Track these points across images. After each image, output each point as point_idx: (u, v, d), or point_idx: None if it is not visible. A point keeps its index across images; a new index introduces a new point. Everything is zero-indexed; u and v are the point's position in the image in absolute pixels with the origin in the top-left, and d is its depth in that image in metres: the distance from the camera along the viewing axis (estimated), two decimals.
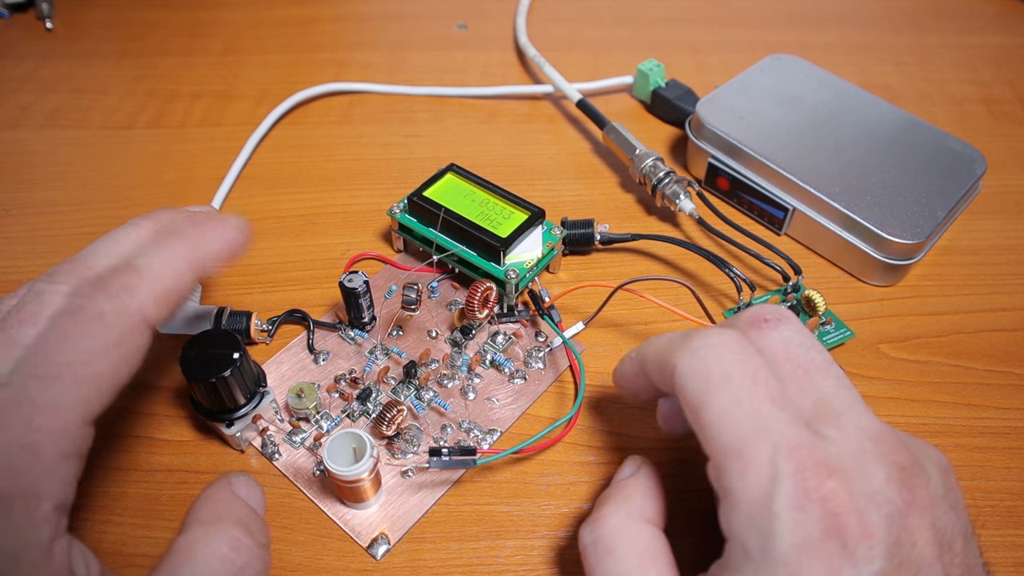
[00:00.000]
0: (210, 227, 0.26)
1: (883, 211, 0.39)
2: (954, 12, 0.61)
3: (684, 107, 0.49)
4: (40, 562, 0.21)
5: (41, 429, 0.21)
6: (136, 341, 0.23)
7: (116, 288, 0.23)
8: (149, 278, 0.24)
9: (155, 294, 0.24)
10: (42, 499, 0.21)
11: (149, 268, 0.24)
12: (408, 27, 0.59)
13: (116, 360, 0.23)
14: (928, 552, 0.22)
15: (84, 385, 0.22)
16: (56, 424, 0.21)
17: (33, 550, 0.21)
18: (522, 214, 0.38)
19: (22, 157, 0.47)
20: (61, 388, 0.22)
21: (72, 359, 0.22)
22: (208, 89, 0.52)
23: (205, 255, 0.25)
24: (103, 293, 0.23)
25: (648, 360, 0.27)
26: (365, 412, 0.34)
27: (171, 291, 0.24)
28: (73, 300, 0.23)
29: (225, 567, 0.24)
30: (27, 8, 0.59)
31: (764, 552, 0.22)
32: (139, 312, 0.23)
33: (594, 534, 0.26)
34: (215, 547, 0.24)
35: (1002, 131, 0.51)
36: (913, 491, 0.22)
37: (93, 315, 0.22)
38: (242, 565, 0.24)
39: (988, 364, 0.37)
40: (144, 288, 0.24)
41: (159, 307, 0.24)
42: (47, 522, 0.21)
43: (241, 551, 0.24)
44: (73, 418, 0.22)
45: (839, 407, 0.24)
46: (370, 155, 0.48)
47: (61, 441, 0.22)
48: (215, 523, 0.24)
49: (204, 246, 0.26)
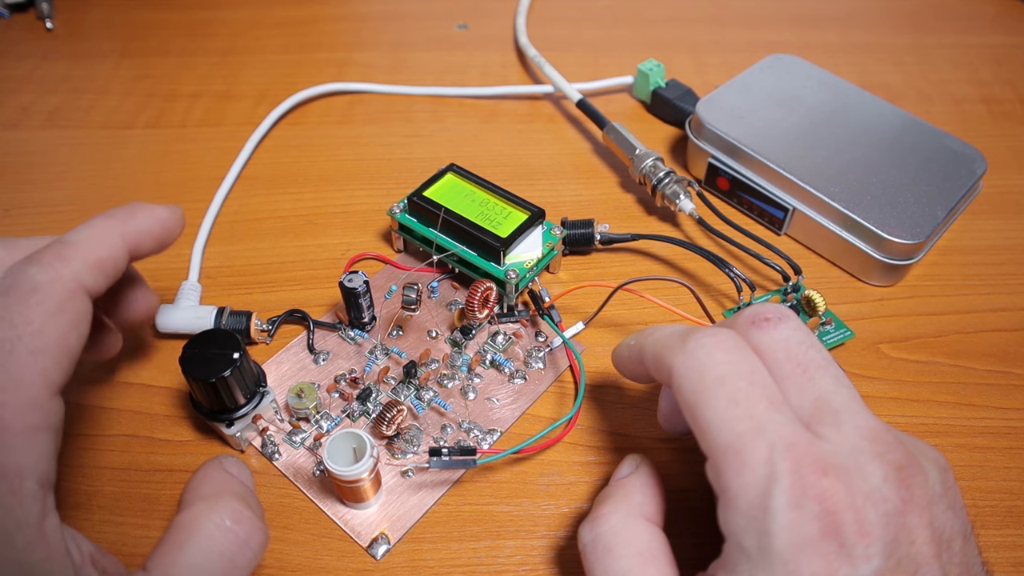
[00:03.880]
0: (139, 207, 0.27)
1: (883, 211, 0.39)
2: (954, 12, 0.61)
3: (684, 107, 0.49)
4: (34, 540, 0.21)
5: (6, 405, 0.21)
6: (78, 307, 0.24)
7: (48, 259, 0.24)
8: (81, 247, 0.24)
9: (88, 262, 0.24)
10: (24, 476, 0.21)
11: (80, 239, 0.25)
12: (408, 27, 0.59)
13: (63, 327, 0.23)
14: (926, 551, 0.22)
15: (39, 357, 0.22)
16: (20, 398, 0.21)
17: (25, 528, 0.21)
18: (522, 214, 0.38)
19: (22, 157, 0.47)
20: (16, 362, 0.22)
21: (19, 333, 0.22)
22: (208, 89, 0.52)
23: (136, 229, 0.26)
24: (35, 266, 0.23)
25: (646, 355, 0.28)
26: (365, 412, 0.34)
27: (104, 259, 0.25)
28: (7, 279, 0.23)
29: (229, 538, 0.24)
30: (27, 8, 0.59)
31: (761, 550, 0.22)
32: (74, 279, 0.24)
33: (593, 533, 0.26)
34: (218, 520, 0.24)
35: (1002, 131, 0.51)
36: (911, 490, 0.22)
37: (29, 289, 0.23)
38: (245, 537, 0.25)
39: (988, 364, 0.37)
40: (77, 257, 0.24)
41: (94, 274, 0.24)
42: (34, 499, 0.21)
43: (243, 523, 0.25)
44: (36, 391, 0.22)
45: (837, 406, 0.24)
46: (370, 155, 0.48)
47: (30, 414, 0.22)
48: (216, 498, 0.25)
49: (134, 221, 0.26)
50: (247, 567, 0.25)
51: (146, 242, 0.27)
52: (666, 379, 0.26)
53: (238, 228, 0.43)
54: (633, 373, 0.30)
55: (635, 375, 0.30)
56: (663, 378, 0.26)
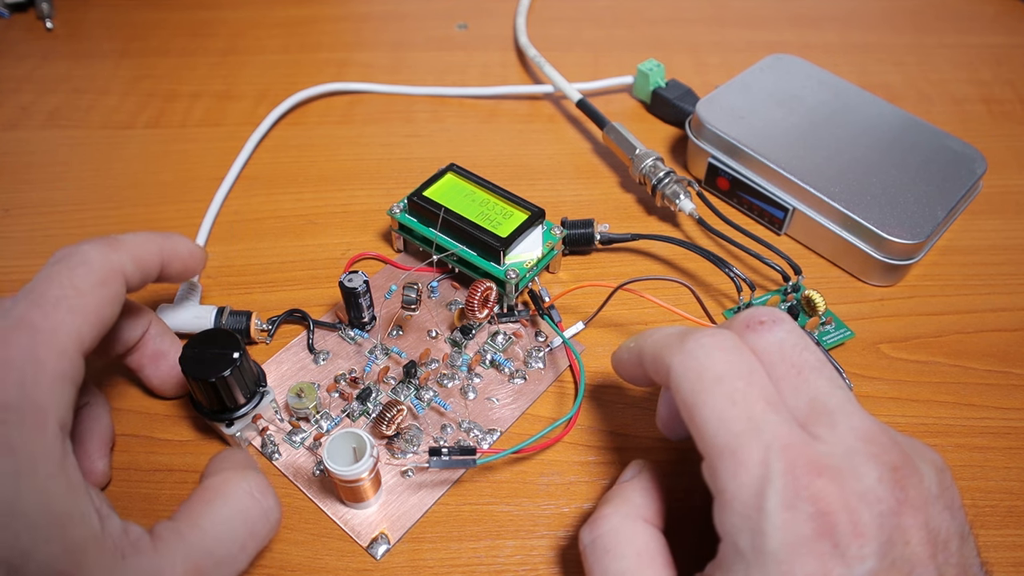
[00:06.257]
0: (177, 235, 0.31)
1: (883, 211, 0.39)
2: (954, 12, 0.61)
3: (684, 107, 0.49)
4: (55, 472, 0.23)
5: (42, 345, 0.24)
6: (117, 286, 0.27)
7: (99, 243, 0.27)
8: (128, 244, 0.28)
9: (132, 255, 0.28)
10: (48, 414, 0.23)
11: (127, 239, 0.29)
12: (408, 27, 0.59)
13: (102, 298, 0.26)
14: (921, 551, 0.22)
15: (77, 316, 0.25)
16: (56, 345, 0.24)
17: (47, 461, 0.22)
18: (522, 214, 0.38)
19: (22, 157, 0.47)
20: (57, 315, 0.25)
21: (65, 293, 0.25)
22: (208, 89, 0.52)
23: (172, 250, 0.30)
24: (88, 244, 0.27)
25: (645, 356, 0.28)
26: (365, 412, 0.34)
27: (144, 260, 0.29)
28: (60, 253, 0.27)
29: (254, 505, 0.27)
30: (27, 8, 0.59)
31: (756, 551, 0.22)
32: (119, 263, 0.27)
33: (593, 534, 0.26)
34: (246, 487, 0.27)
35: (1002, 131, 0.51)
36: (905, 490, 0.22)
37: (79, 260, 0.26)
38: (266, 509, 0.27)
39: (988, 364, 0.37)
40: (123, 249, 0.28)
41: (135, 268, 0.28)
42: (55, 437, 0.23)
43: (267, 496, 0.27)
44: (70, 342, 0.24)
45: (832, 407, 0.24)
46: (370, 155, 0.48)
47: (61, 361, 0.24)
48: (244, 469, 0.28)
49: (171, 243, 0.31)
50: (263, 539, 0.27)
51: (175, 264, 0.31)
52: (664, 379, 0.26)
53: (238, 228, 0.43)
54: (632, 375, 0.30)
55: (634, 378, 0.30)
56: (661, 379, 0.26)
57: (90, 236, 0.28)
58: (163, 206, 0.44)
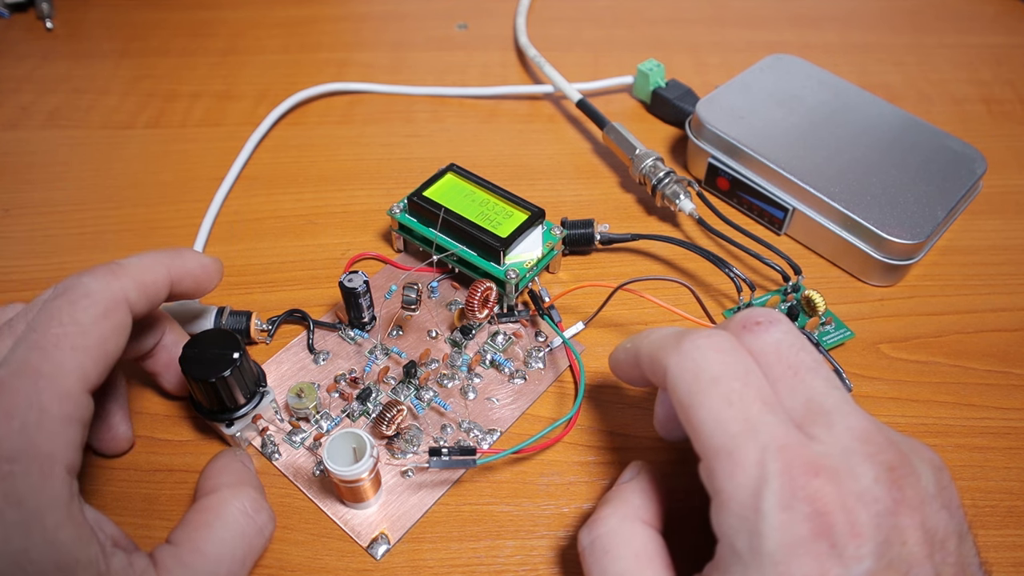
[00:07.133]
0: (187, 250, 0.30)
1: (883, 211, 0.39)
2: (954, 12, 0.61)
3: (684, 107, 0.49)
4: (63, 521, 0.22)
5: (45, 391, 0.23)
6: (120, 317, 0.26)
7: (101, 272, 0.26)
8: (131, 269, 0.27)
9: (136, 282, 0.27)
10: (55, 460, 0.23)
11: (130, 263, 0.27)
12: (408, 27, 0.59)
13: (106, 331, 0.25)
14: (918, 551, 0.22)
15: (80, 354, 0.24)
16: (59, 388, 0.23)
17: (55, 510, 0.22)
18: (522, 214, 0.38)
19: (22, 157, 0.47)
20: (59, 355, 0.24)
21: (66, 331, 0.24)
22: (208, 89, 0.52)
23: (181, 268, 0.29)
24: (89, 275, 0.26)
25: (641, 357, 0.28)
26: (365, 412, 0.34)
27: (149, 285, 0.27)
28: (63, 284, 0.25)
29: (249, 523, 0.28)
30: (27, 8, 0.59)
31: (753, 551, 0.22)
32: (122, 292, 0.26)
33: (592, 535, 0.26)
34: (240, 506, 0.28)
35: (1002, 131, 0.51)
36: (902, 490, 0.22)
37: (81, 293, 0.25)
38: (261, 525, 0.28)
39: (988, 364, 0.37)
40: (127, 275, 0.26)
41: (139, 295, 0.27)
42: (63, 484, 0.23)
43: (261, 512, 0.28)
44: (73, 383, 0.24)
45: (828, 407, 0.24)
46: (370, 155, 0.48)
47: (65, 404, 0.23)
48: (239, 486, 0.28)
49: (180, 260, 0.29)
50: (259, 552, 0.28)
51: (187, 282, 0.29)
52: (661, 380, 0.26)
53: (238, 228, 0.43)
54: (629, 376, 0.30)
55: (631, 378, 0.30)
56: (658, 379, 0.26)
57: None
58: (163, 206, 0.44)
